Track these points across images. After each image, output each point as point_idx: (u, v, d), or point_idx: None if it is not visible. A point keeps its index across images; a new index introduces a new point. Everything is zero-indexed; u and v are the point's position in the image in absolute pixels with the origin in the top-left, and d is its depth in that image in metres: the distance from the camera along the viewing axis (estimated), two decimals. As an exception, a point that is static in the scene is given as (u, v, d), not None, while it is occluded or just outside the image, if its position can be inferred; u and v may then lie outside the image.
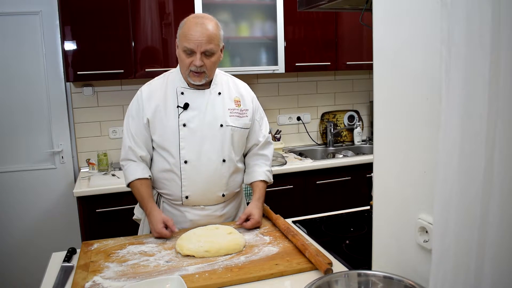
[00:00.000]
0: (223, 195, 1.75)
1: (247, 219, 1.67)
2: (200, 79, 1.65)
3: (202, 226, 1.64)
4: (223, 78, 1.78)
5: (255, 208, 1.70)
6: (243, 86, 1.83)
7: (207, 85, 1.72)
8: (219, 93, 1.73)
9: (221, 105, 1.72)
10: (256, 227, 1.68)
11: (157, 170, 1.74)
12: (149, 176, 1.72)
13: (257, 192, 1.77)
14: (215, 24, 1.63)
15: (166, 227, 1.60)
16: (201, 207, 1.74)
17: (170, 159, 1.69)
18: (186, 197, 1.71)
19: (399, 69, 1.07)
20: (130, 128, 1.71)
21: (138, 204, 1.84)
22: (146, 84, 1.77)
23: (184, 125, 1.66)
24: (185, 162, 1.67)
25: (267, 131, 1.87)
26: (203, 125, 1.68)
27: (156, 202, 1.76)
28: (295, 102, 3.52)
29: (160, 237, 1.59)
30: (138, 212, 1.86)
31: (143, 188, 1.69)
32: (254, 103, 1.82)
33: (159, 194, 1.79)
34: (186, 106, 1.67)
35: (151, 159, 1.76)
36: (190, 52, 1.60)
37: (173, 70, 1.78)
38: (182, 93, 1.69)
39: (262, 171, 1.81)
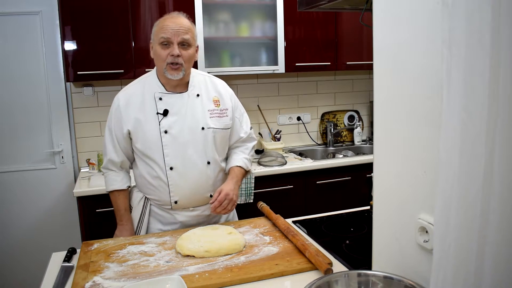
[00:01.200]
0: (211, 196, 1.76)
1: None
2: (178, 72, 1.63)
3: (192, 226, 1.67)
4: (200, 78, 1.77)
5: (228, 185, 1.69)
6: (221, 84, 1.81)
7: (185, 87, 1.72)
8: (198, 95, 1.72)
9: (200, 108, 1.71)
10: (231, 204, 1.67)
11: (143, 176, 1.74)
12: (127, 186, 1.78)
13: (233, 174, 1.76)
14: (188, 19, 1.69)
15: None
16: (190, 209, 1.76)
17: (155, 167, 1.69)
18: (175, 202, 1.72)
19: (399, 69, 1.07)
20: (110, 139, 1.73)
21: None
22: (121, 91, 1.75)
23: (166, 131, 1.66)
24: (171, 168, 1.67)
25: (248, 127, 1.88)
26: (184, 130, 1.67)
27: (143, 206, 1.78)
28: (295, 102, 3.53)
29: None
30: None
31: (119, 200, 1.77)
32: (233, 100, 1.81)
33: (146, 198, 1.79)
34: (166, 113, 1.66)
35: (135, 164, 1.77)
36: (167, 43, 1.61)
37: (148, 73, 1.77)
38: (161, 99, 1.67)
39: (239, 158, 1.81)
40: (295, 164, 2.92)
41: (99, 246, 1.54)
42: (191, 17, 2.75)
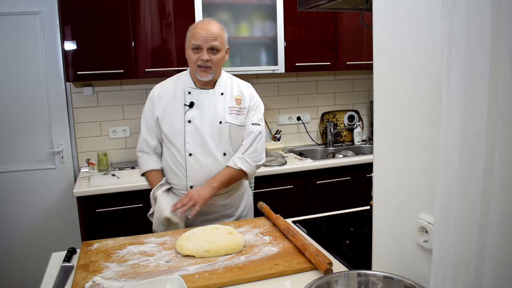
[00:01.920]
0: None
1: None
2: (207, 74, 1.81)
3: (208, 213, 1.83)
4: (227, 80, 1.93)
5: (197, 188, 1.80)
6: (245, 85, 1.95)
7: (213, 85, 1.87)
8: (222, 93, 1.88)
9: (222, 104, 1.86)
10: (191, 203, 1.73)
11: (166, 162, 1.90)
12: (160, 167, 1.92)
13: (214, 177, 1.83)
14: (220, 26, 1.83)
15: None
16: None
17: (176, 153, 1.85)
18: (191, 187, 1.85)
19: (399, 69, 1.07)
20: (144, 123, 1.92)
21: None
22: (158, 84, 1.96)
23: (189, 121, 1.83)
24: (190, 154, 1.83)
25: (250, 124, 1.90)
26: (205, 122, 1.83)
27: (168, 190, 1.90)
28: (295, 102, 3.53)
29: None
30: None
31: (152, 179, 1.90)
32: (252, 102, 1.92)
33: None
34: (191, 105, 1.84)
35: (162, 152, 1.94)
36: (198, 49, 1.78)
37: (183, 72, 1.96)
38: (189, 93, 1.86)
39: (233, 159, 1.86)
40: (295, 164, 2.92)
41: (99, 246, 1.54)
42: (191, 17, 2.77)
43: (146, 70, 2.76)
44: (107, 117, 3.04)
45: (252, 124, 1.90)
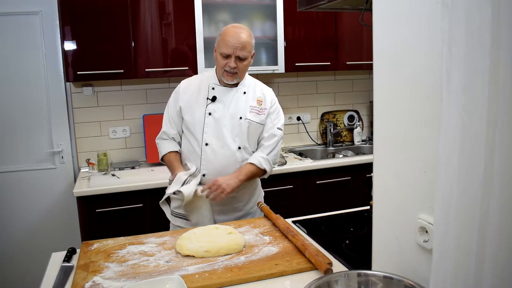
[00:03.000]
0: None
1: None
2: (233, 79, 1.93)
3: (216, 204, 1.87)
4: (250, 81, 2.06)
5: (224, 177, 1.86)
6: (267, 90, 2.09)
7: (235, 84, 1.98)
8: (244, 92, 1.99)
9: (244, 102, 1.97)
10: (219, 191, 1.81)
11: (183, 151, 2.00)
12: (179, 150, 2.01)
13: (238, 169, 1.92)
14: (249, 34, 1.92)
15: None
16: None
17: (193, 142, 1.94)
18: (204, 175, 1.92)
19: (399, 69, 1.07)
20: (167, 115, 2.02)
21: (168, 184, 2.01)
22: (185, 79, 2.07)
23: (210, 114, 1.93)
24: (206, 144, 1.92)
25: (275, 128, 2.03)
26: (225, 116, 1.93)
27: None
28: (295, 102, 3.52)
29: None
30: (171, 188, 1.94)
31: (172, 158, 1.97)
32: (273, 106, 2.05)
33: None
34: (214, 99, 1.94)
35: (180, 142, 2.03)
36: (226, 56, 1.87)
37: (210, 70, 2.05)
38: (213, 88, 1.96)
39: (254, 156, 1.96)
40: (295, 164, 2.92)
41: (99, 246, 1.54)
42: (191, 17, 2.77)
43: (146, 70, 2.76)
44: (107, 117, 3.04)
45: (277, 128, 2.03)
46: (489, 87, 0.69)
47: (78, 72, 2.64)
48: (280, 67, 3.02)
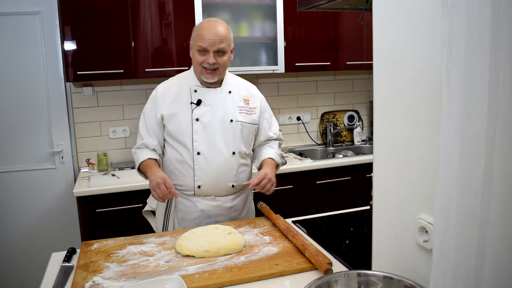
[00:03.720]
0: (233, 186, 1.84)
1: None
2: (213, 77, 1.78)
3: (212, 216, 1.79)
4: (233, 79, 1.91)
5: (265, 169, 1.81)
6: (252, 87, 1.96)
7: (218, 84, 1.84)
8: (230, 92, 1.85)
9: (231, 103, 1.84)
10: (270, 184, 1.77)
11: (170, 161, 1.84)
12: (158, 158, 1.84)
13: (267, 163, 1.86)
14: (226, 27, 1.78)
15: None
16: (212, 197, 1.82)
17: (183, 151, 1.80)
18: (199, 187, 1.80)
19: (399, 69, 1.07)
20: (144, 124, 1.85)
21: (150, 195, 1.90)
22: (161, 83, 1.90)
23: (197, 119, 1.78)
24: (198, 153, 1.78)
25: (277, 129, 2.00)
26: (215, 120, 1.80)
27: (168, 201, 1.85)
28: (295, 102, 3.52)
29: (157, 192, 1.66)
30: (152, 202, 1.91)
31: (150, 162, 1.80)
32: (262, 103, 1.94)
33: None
34: (199, 102, 1.80)
35: (164, 151, 1.88)
36: (204, 51, 1.73)
37: (187, 71, 1.91)
38: (195, 91, 1.81)
39: (270, 151, 1.92)
40: (295, 164, 2.92)
41: (99, 246, 1.54)
42: (191, 17, 2.77)
43: (146, 70, 2.76)
44: (107, 117, 3.04)
45: (279, 131, 2.01)
46: (489, 87, 0.69)
47: (78, 72, 2.64)
48: (280, 67, 3.02)
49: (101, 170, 2.88)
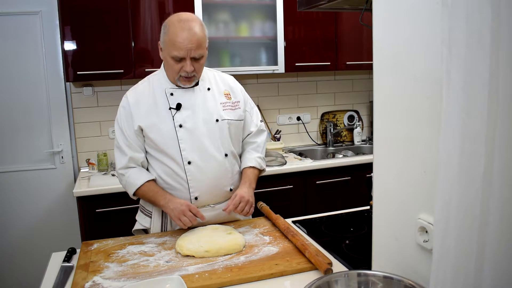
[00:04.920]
0: (231, 190, 1.74)
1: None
2: (191, 83, 1.65)
3: (209, 221, 1.68)
4: (209, 73, 1.76)
5: (242, 189, 1.67)
6: (230, 79, 1.82)
7: (196, 83, 1.70)
8: (208, 89, 1.71)
9: (212, 101, 1.70)
10: (248, 206, 1.65)
11: (159, 177, 1.68)
12: (155, 178, 1.69)
13: (245, 177, 1.74)
14: (200, 25, 1.61)
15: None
16: (211, 207, 1.72)
17: (171, 163, 1.65)
18: (196, 198, 1.67)
19: (399, 69, 1.07)
20: (122, 138, 1.67)
21: (139, 211, 1.82)
22: (130, 90, 1.71)
23: (181, 126, 1.63)
24: (189, 163, 1.64)
25: (258, 120, 1.87)
26: (199, 123, 1.65)
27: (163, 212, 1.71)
28: (295, 102, 3.52)
29: (183, 220, 1.56)
30: (143, 220, 1.78)
31: (153, 186, 1.65)
32: (243, 94, 1.81)
33: None
34: (179, 107, 1.64)
35: (149, 166, 1.71)
36: (180, 60, 1.58)
37: (155, 72, 1.75)
38: (172, 94, 1.66)
39: (252, 157, 1.78)
40: (295, 164, 2.92)
41: (99, 246, 1.54)
42: (191, 17, 2.77)
43: (146, 70, 2.75)
44: (107, 117, 3.04)
45: (260, 121, 1.86)
46: (489, 87, 0.69)
47: (78, 72, 2.64)
48: (280, 67, 3.02)
49: (101, 170, 2.88)
